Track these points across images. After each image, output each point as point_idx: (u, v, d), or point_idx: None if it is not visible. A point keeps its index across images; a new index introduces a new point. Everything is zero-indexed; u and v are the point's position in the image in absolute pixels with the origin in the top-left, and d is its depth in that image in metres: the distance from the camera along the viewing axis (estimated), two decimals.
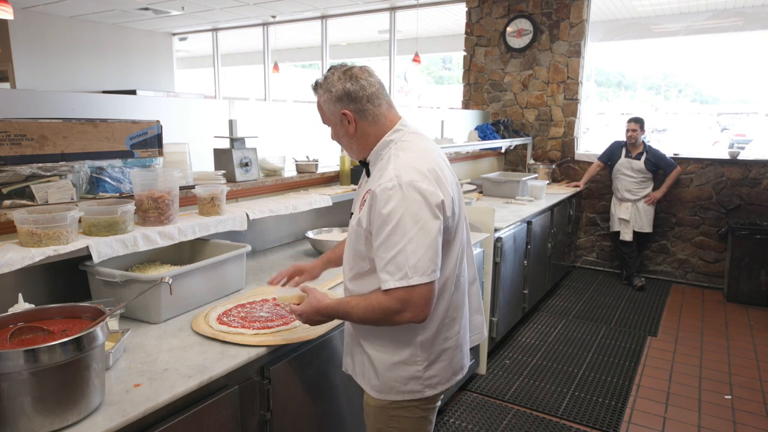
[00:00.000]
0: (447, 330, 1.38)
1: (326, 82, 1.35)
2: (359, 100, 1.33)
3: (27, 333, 1.12)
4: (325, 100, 1.35)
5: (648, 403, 2.92)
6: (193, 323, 1.60)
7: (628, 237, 4.87)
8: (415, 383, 1.36)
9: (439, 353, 1.37)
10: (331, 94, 1.33)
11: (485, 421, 2.71)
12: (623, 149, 4.87)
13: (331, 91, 1.33)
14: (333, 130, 1.41)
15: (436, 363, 1.37)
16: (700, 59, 14.62)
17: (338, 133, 1.39)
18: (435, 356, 1.37)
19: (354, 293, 1.41)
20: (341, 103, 1.33)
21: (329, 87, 1.34)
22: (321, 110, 1.39)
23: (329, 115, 1.37)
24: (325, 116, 1.39)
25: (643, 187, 4.82)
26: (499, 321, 3.35)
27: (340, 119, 1.35)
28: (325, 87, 1.34)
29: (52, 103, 1.84)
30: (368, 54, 9.53)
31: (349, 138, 1.38)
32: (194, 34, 9.19)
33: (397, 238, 1.20)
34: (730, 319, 4.17)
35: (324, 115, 1.39)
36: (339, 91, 1.32)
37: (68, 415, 1.05)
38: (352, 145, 1.40)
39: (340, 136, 1.40)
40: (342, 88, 1.32)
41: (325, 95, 1.34)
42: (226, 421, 1.35)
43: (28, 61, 7.30)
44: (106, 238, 1.63)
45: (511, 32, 5.46)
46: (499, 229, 3.21)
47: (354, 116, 1.34)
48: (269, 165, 2.58)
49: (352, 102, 1.33)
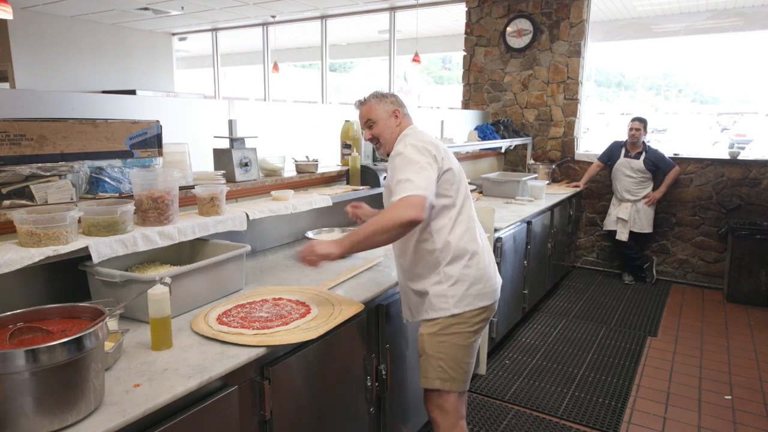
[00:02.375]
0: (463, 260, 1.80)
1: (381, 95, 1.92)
2: (404, 107, 1.93)
3: (26, 333, 1.12)
4: (381, 103, 1.89)
5: (648, 403, 2.92)
6: (192, 323, 1.59)
7: (624, 237, 4.88)
8: (443, 301, 1.79)
9: (459, 277, 1.79)
10: (387, 99, 1.90)
11: (485, 421, 2.71)
12: (623, 149, 4.88)
13: (387, 97, 1.91)
14: (380, 125, 1.88)
15: (457, 284, 1.79)
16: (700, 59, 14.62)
17: (386, 126, 1.88)
18: (455, 279, 1.79)
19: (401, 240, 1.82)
20: (394, 105, 1.90)
21: (386, 97, 1.91)
22: (371, 111, 1.89)
23: (381, 113, 1.88)
24: (377, 115, 1.88)
25: (642, 188, 4.82)
26: (499, 321, 3.35)
27: (390, 115, 1.89)
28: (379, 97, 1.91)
29: (51, 103, 1.84)
30: (368, 54, 9.53)
31: (392, 129, 1.89)
32: (194, 34, 9.18)
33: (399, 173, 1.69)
34: (730, 319, 4.17)
35: (375, 114, 1.88)
36: (392, 99, 1.92)
37: (68, 416, 1.05)
38: (392, 136, 1.89)
39: (386, 128, 1.88)
40: (394, 98, 1.93)
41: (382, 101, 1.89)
42: (226, 421, 1.35)
43: (28, 61, 7.30)
44: (105, 238, 1.63)
45: (511, 32, 5.46)
46: (499, 229, 3.21)
47: (401, 114, 1.90)
48: (269, 165, 2.57)
49: (400, 106, 1.92)
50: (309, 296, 1.87)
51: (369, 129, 1.91)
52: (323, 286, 2.01)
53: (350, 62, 12.96)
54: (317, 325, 1.62)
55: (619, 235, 4.91)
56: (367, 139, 1.94)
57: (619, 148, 4.91)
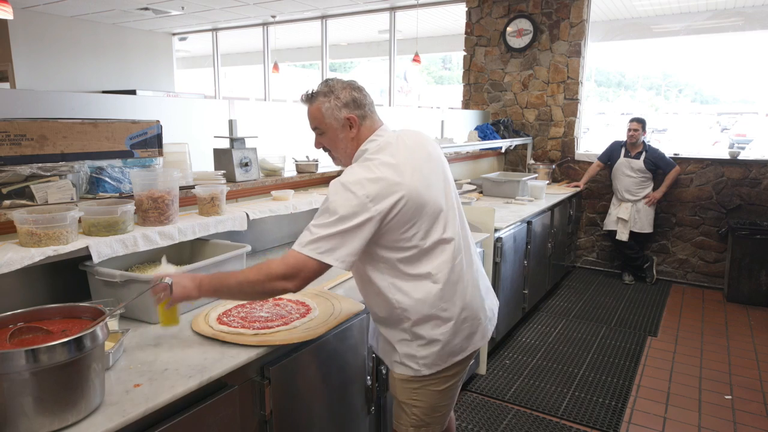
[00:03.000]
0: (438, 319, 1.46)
1: (330, 90, 1.45)
2: (364, 107, 1.48)
3: (27, 333, 1.12)
4: (330, 106, 1.44)
5: (648, 403, 2.92)
6: (193, 323, 1.59)
7: (624, 237, 4.88)
8: (413, 361, 1.49)
9: (431, 337, 1.47)
10: (339, 100, 1.44)
11: (485, 421, 2.71)
12: (623, 149, 4.87)
13: (339, 97, 1.45)
14: (329, 135, 1.48)
15: (430, 345, 1.47)
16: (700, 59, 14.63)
17: (337, 138, 1.48)
18: (427, 340, 1.47)
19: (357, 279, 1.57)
20: (348, 109, 1.45)
21: (336, 94, 1.45)
22: (318, 115, 1.46)
23: (331, 121, 1.45)
24: (324, 122, 1.46)
25: (642, 188, 4.82)
26: (499, 321, 3.34)
27: (344, 124, 1.46)
28: (329, 95, 1.45)
29: (52, 103, 1.83)
30: (368, 54, 9.53)
31: (347, 143, 1.48)
32: (194, 34, 9.18)
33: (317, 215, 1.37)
34: (730, 319, 4.17)
35: (322, 121, 1.47)
36: (347, 98, 1.45)
37: (68, 416, 1.05)
38: (347, 150, 1.49)
39: (338, 140, 1.48)
40: (350, 95, 1.46)
41: (331, 102, 1.44)
42: (226, 421, 1.35)
43: (28, 61, 7.30)
44: (105, 238, 1.63)
45: (511, 32, 5.46)
46: (499, 229, 3.21)
47: (358, 121, 1.46)
48: (269, 165, 2.57)
49: (357, 108, 1.46)
50: (309, 296, 1.87)
51: (319, 137, 1.52)
52: (323, 286, 2.01)
53: (350, 62, 12.96)
54: (317, 325, 1.62)
55: (619, 235, 4.91)
56: (317, 147, 1.56)
57: (619, 148, 4.91)
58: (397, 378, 1.55)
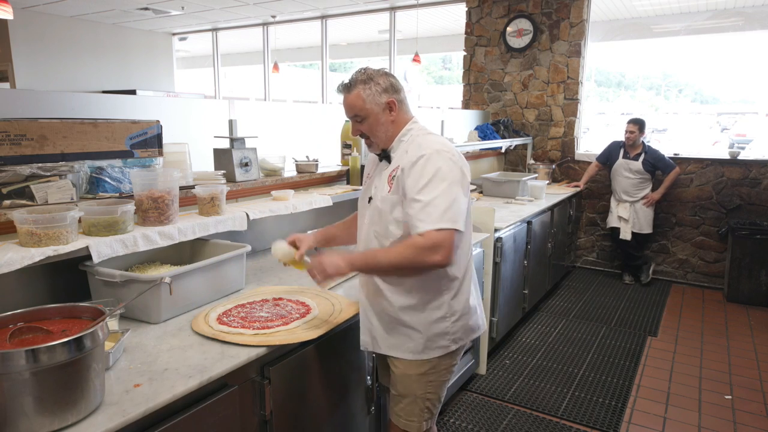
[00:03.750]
0: (466, 292, 1.61)
1: (369, 77, 1.52)
2: (400, 91, 1.57)
3: (27, 333, 1.12)
4: (372, 92, 1.52)
5: (648, 403, 2.92)
6: (192, 323, 1.59)
7: (627, 236, 4.87)
8: (444, 339, 1.57)
9: (461, 312, 1.59)
10: (379, 85, 1.52)
11: (485, 421, 2.71)
12: (621, 150, 4.86)
13: (379, 83, 1.53)
14: (370, 120, 1.55)
15: (459, 320, 1.60)
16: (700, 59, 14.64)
17: (378, 121, 1.55)
18: (459, 314, 1.59)
19: None
20: (387, 94, 1.54)
21: (376, 80, 1.52)
22: (359, 102, 1.52)
23: (372, 106, 1.53)
24: (365, 107, 1.53)
25: (640, 189, 4.81)
26: (499, 321, 3.35)
27: (384, 108, 1.54)
28: (368, 82, 1.52)
29: (52, 103, 1.83)
30: (368, 54, 9.53)
31: (387, 126, 1.56)
32: (194, 34, 9.18)
33: (429, 191, 1.41)
34: (730, 319, 4.17)
35: (363, 107, 1.53)
36: (386, 83, 1.54)
37: (68, 415, 1.05)
38: (387, 132, 1.57)
39: (379, 123, 1.55)
40: (387, 81, 1.54)
41: (372, 88, 1.52)
42: (226, 421, 1.35)
43: (28, 61, 7.30)
44: (105, 238, 1.63)
45: (511, 32, 5.46)
46: (499, 229, 3.21)
47: (397, 105, 1.55)
48: (269, 165, 2.57)
49: (395, 93, 1.55)
50: (309, 296, 1.87)
51: (358, 123, 1.58)
52: (323, 286, 2.01)
53: (350, 62, 12.96)
54: (317, 325, 1.62)
55: (622, 234, 4.89)
56: (355, 135, 1.63)
57: (617, 149, 4.89)
58: (413, 374, 1.60)
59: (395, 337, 1.60)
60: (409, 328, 1.57)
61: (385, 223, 1.55)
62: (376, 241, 1.59)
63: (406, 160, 1.50)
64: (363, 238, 1.66)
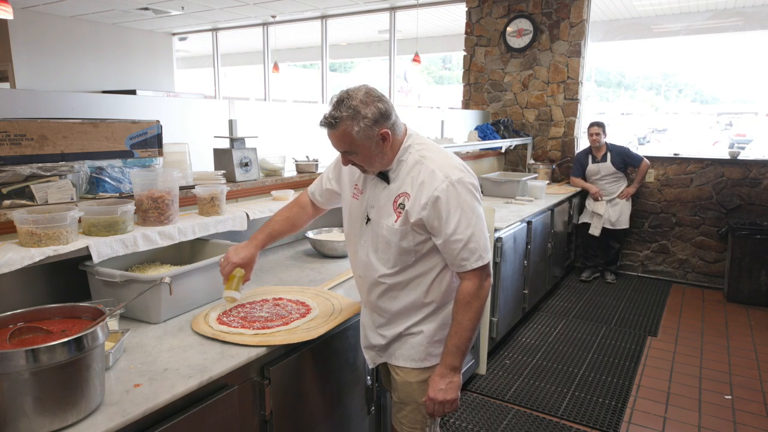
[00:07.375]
0: None
1: (355, 112, 1.33)
2: (391, 114, 1.39)
3: (26, 333, 1.12)
4: (360, 128, 1.33)
5: (648, 403, 2.92)
6: (192, 323, 1.59)
7: (597, 232, 4.93)
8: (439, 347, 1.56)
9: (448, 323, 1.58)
10: (368, 119, 1.33)
11: (485, 421, 2.71)
12: (589, 156, 4.95)
13: (368, 116, 1.33)
14: (363, 154, 1.39)
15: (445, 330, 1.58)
16: (700, 59, 14.64)
17: (371, 155, 1.39)
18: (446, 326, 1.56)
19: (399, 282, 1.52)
20: (379, 125, 1.36)
21: (363, 114, 1.33)
22: (348, 140, 1.35)
23: (363, 141, 1.35)
24: (356, 144, 1.36)
25: (616, 187, 4.91)
26: (499, 321, 3.35)
27: (377, 141, 1.37)
28: (356, 117, 1.33)
29: (52, 103, 1.83)
30: (368, 54, 9.53)
31: (383, 155, 1.41)
32: (194, 34, 9.18)
33: (464, 228, 1.39)
34: (730, 319, 4.17)
35: (353, 144, 1.36)
36: (375, 114, 1.34)
37: (68, 416, 1.05)
38: (384, 159, 1.43)
39: (373, 156, 1.40)
40: (376, 109, 1.35)
41: (360, 124, 1.33)
42: (226, 421, 1.35)
43: (28, 61, 7.29)
44: (106, 238, 1.63)
45: (511, 32, 5.46)
46: (499, 229, 3.21)
47: (391, 133, 1.39)
48: (269, 165, 2.57)
49: (386, 119, 1.37)
50: (309, 296, 1.87)
51: (348, 155, 1.42)
52: (323, 286, 2.01)
53: (350, 62, 12.96)
54: (317, 324, 1.62)
55: (592, 230, 4.96)
56: (346, 165, 1.49)
57: (585, 156, 4.99)
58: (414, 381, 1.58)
59: (396, 345, 1.59)
60: (411, 336, 1.57)
61: (395, 252, 1.47)
62: (383, 268, 1.51)
63: (418, 189, 1.40)
64: (362, 263, 1.56)
